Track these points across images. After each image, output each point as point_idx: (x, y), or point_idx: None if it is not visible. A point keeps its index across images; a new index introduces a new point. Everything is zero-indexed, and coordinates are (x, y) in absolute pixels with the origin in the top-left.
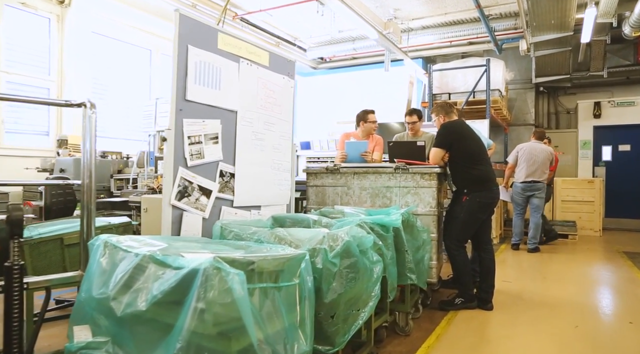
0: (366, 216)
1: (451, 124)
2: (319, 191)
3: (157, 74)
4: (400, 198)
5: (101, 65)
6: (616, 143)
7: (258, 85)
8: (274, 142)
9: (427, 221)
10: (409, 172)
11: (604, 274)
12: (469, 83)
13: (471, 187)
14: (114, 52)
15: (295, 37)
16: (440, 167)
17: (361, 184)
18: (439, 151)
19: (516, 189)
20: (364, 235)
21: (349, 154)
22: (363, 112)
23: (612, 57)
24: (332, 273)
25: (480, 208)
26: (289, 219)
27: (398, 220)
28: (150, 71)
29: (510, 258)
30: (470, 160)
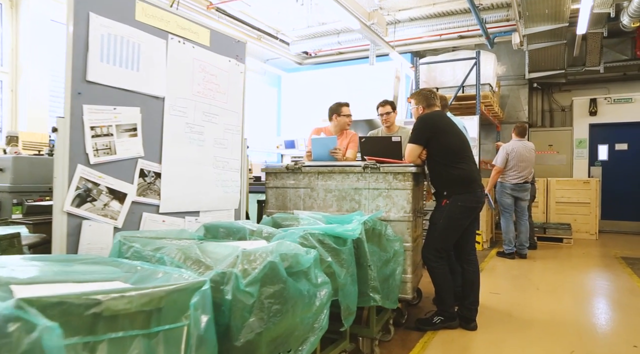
0: (319, 225)
1: (429, 116)
2: (279, 193)
3: None
4: (370, 202)
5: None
6: (613, 142)
7: (194, 68)
8: (216, 136)
9: (401, 228)
10: (380, 172)
11: (601, 284)
12: (458, 77)
13: (452, 189)
14: None
15: (277, 30)
16: (417, 166)
17: (326, 186)
18: (415, 148)
19: (504, 191)
20: (300, 252)
21: (316, 151)
22: (336, 105)
23: (609, 52)
24: (246, 305)
25: (462, 213)
26: (223, 229)
27: (357, 230)
28: None
29: (500, 265)
30: (451, 158)
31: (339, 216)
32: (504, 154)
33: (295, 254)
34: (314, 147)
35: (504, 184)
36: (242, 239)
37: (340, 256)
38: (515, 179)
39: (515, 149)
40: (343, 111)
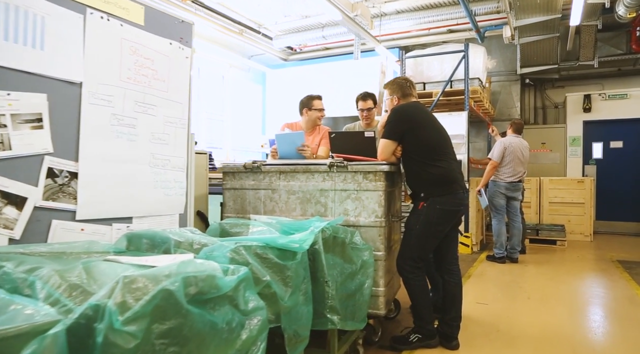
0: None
1: (403, 108)
2: (237, 195)
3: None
4: (337, 205)
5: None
6: (608, 139)
7: (123, 50)
8: (154, 130)
9: (373, 235)
10: (348, 171)
11: (598, 292)
12: (446, 72)
13: (430, 190)
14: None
15: (259, 23)
16: (391, 164)
17: (289, 187)
18: (389, 144)
19: (498, 190)
20: (216, 273)
21: (282, 149)
22: (307, 98)
23: (603, 46)
24: (124, 351)
25: (441, 217)
26: (147, 240)
27: (307, 240)
28: None
29: (489, 271)
30: (429, 155)
31: (299, 221)
32: (501, 148)
33: (208, 276)
34: (279, 144)
35: (497, 183)
36: (167, 252)
37: (284, 272)
38: (510, 177)
39: (513, 144)
40: (314, 105)
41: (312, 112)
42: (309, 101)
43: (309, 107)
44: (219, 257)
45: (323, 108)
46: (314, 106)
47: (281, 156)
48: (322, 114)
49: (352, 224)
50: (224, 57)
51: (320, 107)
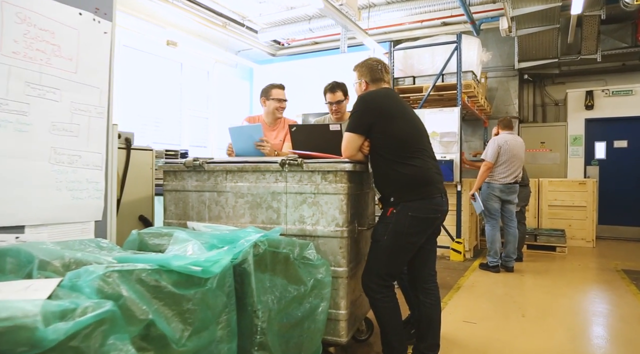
0: (159, 256)
1: (371, 96)
2: (179, 198)
3: None
4: (292, 211)
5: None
6: (611, 138)
7: (5, 17)
8: (57, 119)
9: (332, 247)
10: (304, 171)
11: (602, 309)
12: (437, 65)
13: (400, 193)
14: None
15: (243, 16)
16: (357, 162)
17: (236, 189)
18: (354, 138)
19: (492, 192)
20: (27, 321)
21: (238, 144)
22: (268, 86)
23: (607, 39)
24: None
25: (414, 226)
26: (12, 258)
27: (220, 262)
28: None
29: (481, 282)
30: (401, 151)
31: (235, 231)
32: (495, 147)
33: (12, 328)
34: (234, 139)
35: (491, 185)
36: (29, 276)
37: (182, 305)
38: (505, 179)
39: (508, 142)
40: (272, 94)
41: (270, 102)
42: (267, 89)
43: (267, 96)
44: (84, 287)
45: (283, 98)
46: (272, 95)
47: (237, 154)
48: (282, 105)
49: (308, 234)
50: (209, 52)
51: (279, 97)
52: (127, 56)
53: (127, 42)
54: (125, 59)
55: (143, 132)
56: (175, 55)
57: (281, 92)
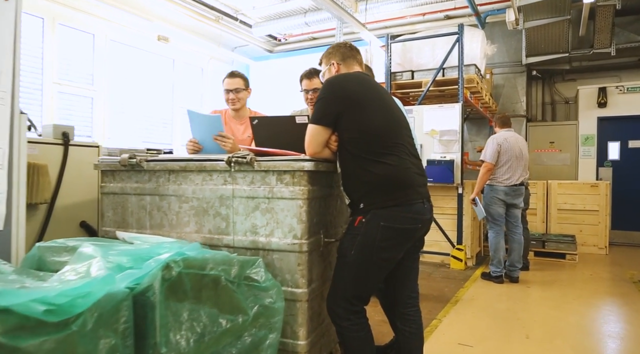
0: None
1: (340, 79)
2: (117, 203)
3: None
4: (242, 218)
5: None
6: (626, 138)
7: None
8: None
9: (289, 264)
10: (256, 170)
11: (617, 330)
12: (438, 59)
13: (371, 198)
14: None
15: (237, 9)
16: (322, 160)
17: (180, 192)
18: (318, 130)
19: (495, 196)
20: None
21: (199, 134)
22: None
23: (621, 32)
24: None
25: (387, 239)
26: None
27: (95, 293)
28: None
29: (483, 294)
30: (371, 146)
31: (157, 247)
32: (494, 146)
33: None
34: (194, 128)
35: (494, 188)
36: None
37: None
38: (509, 180)
39: (509, 140)
40: (223, 84)
41: (224, 94)
42: (223, 80)
43: (224, 87)
44: None
45: (231, 88)
46: (224, 86)
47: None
48: (235, 96)
49: (262, 247)
50: (203, 48)
51: (227, 87)
52: (115, 52)
53: (115, 36)
54: (112, 55)
55: (132, 130)
56: (166, 51)
57: (230, 81)
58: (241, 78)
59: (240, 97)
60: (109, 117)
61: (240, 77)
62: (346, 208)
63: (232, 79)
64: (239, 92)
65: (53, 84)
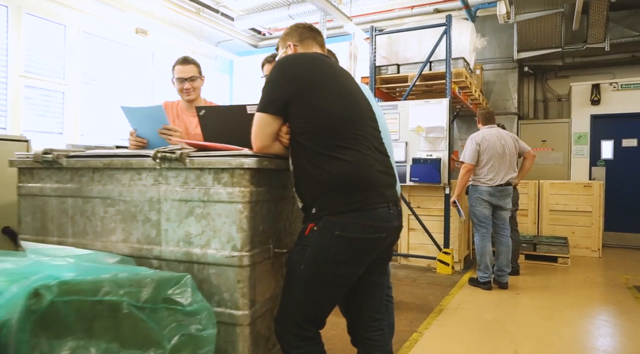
0: None
1: (292, 58)
2: (36, 206)
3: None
4: (175, 225)
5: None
6: (619, 137)
7: None
8: None
9: (227, 281)
10: (188, 168)
11: (614, 343)
12: (425, 52)
13: (324, 201)
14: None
15: (218, 1)
16: (271, 157)
17: (105, 193)
18: (266, 120)
19: (480, 196)
20: None
21: (140, 130)
22: (174, 63)
23: (616, 27)
24: None
25: (343, 252)
26: None
27: None
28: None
29: (469, 303)
30: (327, 138)
31: (42, 263)
32: (473, 146)
33: None
34: (134, 124)
35: (478, 188)
36: None
37: None
38: (493, 181)
39: (488, 138)
40: (176, 72)
41: (175, 84)
42: (172, 68)
43: (173, 75)
44: None
45: (189, 77)
46: (174, 74)
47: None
48: (190, 85)
49: (196, 260)
50: (184, 42)
51: (180, 75)
52: (89, 44)
53: (88, 28)
54: (86, 48)
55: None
56: (145, 44)
57: (185, 68)
58: (195, 65)
59: (196, 86)
60: (82, 113)
61: (194, 63)
62: (291, 216)
63: (187, 65)
64: (194, 81)
65: (19, 77)
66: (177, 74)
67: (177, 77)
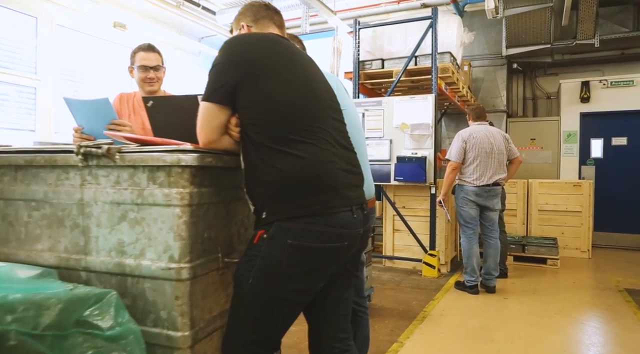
0: None
1: (241, 39)
2: None
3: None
4: (107, 232)
5: None
6: (609, 135)
7: None
8: None
9: (163, 297)
10: (120, 166)
11: (604, 352)
12: (411, 46)
13: (274, 204)
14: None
15: None
16: (221, 152)
17: (29, 195)
18: (212, 110)
19: (466, 196)
20: None
21: (86, 126)
22: (134, 49)
23: (606, 24)
24: None
25: (297, 264)
26: None
27: None
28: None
29: (454, 308)
30: (280, 130)
31: None
32: (459, 143)
33: None
34: (79, 118)
35: (464, 188)
36: None
37: None
38: (480, 180)
39: (475, 135)
40: (137, 59)
41: (136, 72)
42: (132, 53)
43: (132, 63)
44: None
45: (154, 65)
46: (136, 61)
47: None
48: (153, 75)
49: (130, 272)
50: (166, 37)
51: (144, 63)
52: (63, 38)
53: (63, 21)
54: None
55: None
56: (124, 39)
57: (150, 56)
58: (159, 54)
59: (160, 77)
60: (56, 110)
61: (158, 52)
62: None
63: (152, 53)
64: (158, 70)
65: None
66: (140, 61)
67: (140, 65)
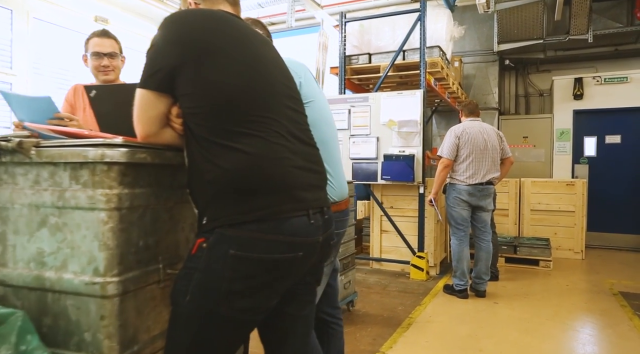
0: None
1: (183, 15)
2: None
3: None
4: (25, 239)
5: None
6: (602, 133)
7: None
8: None
9: (88, 316)
10: (40, 163)
11: None
12: (399, 41)
13: (216, 209)
14: None
15: None
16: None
17: None
18: (149, 98)
19: (458, 196)
20: None
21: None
22: (88, 36)
23: (599, 19)
24: None
25: (243, 279)
26: None
27: None
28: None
29: (441, 314)
30: (222, 122)
31: None
32: (452, 139)
33: None
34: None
35: (456, 187)
36: None
37: None
38: (473, 178)
39: (468, 132)
40: (90, 45)
41: (90, 61)
42: (86, 40)
43: (86, 50)
44: None
45: (108, 52)
46: (89, 49)
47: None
48: (107, 62)
49: (49, 287)
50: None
51: (104, 50)
52: (41, 32)
53: (40, 14)
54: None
55: None
56: None
57: (104, 41)
58: (116, 41)
59: (116, 65)
60: None
61: (115, 39)
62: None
63: (106, 39)
64: (114, 58)
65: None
66: (94, 48)
67: (94, 51)
